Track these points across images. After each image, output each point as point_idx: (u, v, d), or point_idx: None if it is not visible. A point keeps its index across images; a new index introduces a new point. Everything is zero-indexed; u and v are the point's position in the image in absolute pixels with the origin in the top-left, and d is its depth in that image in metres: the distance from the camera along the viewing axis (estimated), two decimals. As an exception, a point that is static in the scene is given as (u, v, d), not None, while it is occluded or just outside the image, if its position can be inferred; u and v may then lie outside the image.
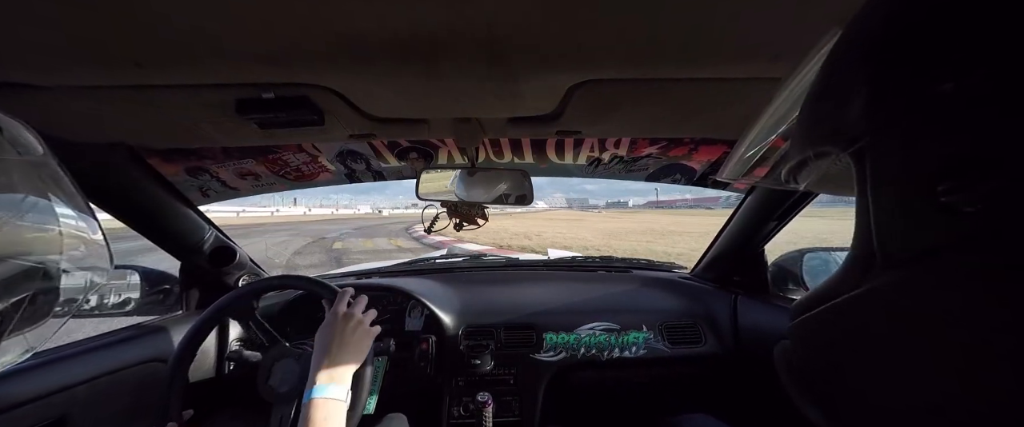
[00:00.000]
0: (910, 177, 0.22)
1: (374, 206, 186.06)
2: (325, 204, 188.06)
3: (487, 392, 1.08)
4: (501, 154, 1.34)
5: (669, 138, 1.17)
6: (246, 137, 0.87)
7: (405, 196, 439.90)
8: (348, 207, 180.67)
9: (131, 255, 2.28)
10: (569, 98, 0.71)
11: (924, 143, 0.22)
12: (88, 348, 0.88)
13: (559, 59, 0.57)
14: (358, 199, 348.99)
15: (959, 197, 0.20)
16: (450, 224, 1.20)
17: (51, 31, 0.47)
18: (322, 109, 0.72)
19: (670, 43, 0.52)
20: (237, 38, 0.50)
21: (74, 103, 0.67)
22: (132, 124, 0.80)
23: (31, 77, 0.58)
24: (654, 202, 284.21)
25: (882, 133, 0.24)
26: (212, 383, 0.92)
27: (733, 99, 0.72)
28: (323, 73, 0.61)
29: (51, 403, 0.77)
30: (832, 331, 0.31)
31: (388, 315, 1.31)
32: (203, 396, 0.82)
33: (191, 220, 1.15)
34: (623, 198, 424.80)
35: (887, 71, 0.24)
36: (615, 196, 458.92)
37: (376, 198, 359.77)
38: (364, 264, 1.86)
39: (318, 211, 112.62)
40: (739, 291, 1.37)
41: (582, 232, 18.89)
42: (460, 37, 0.50)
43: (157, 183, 1.04)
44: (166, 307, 1.20)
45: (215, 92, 0.65)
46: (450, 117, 0.84)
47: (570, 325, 1.27)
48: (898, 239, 0.24)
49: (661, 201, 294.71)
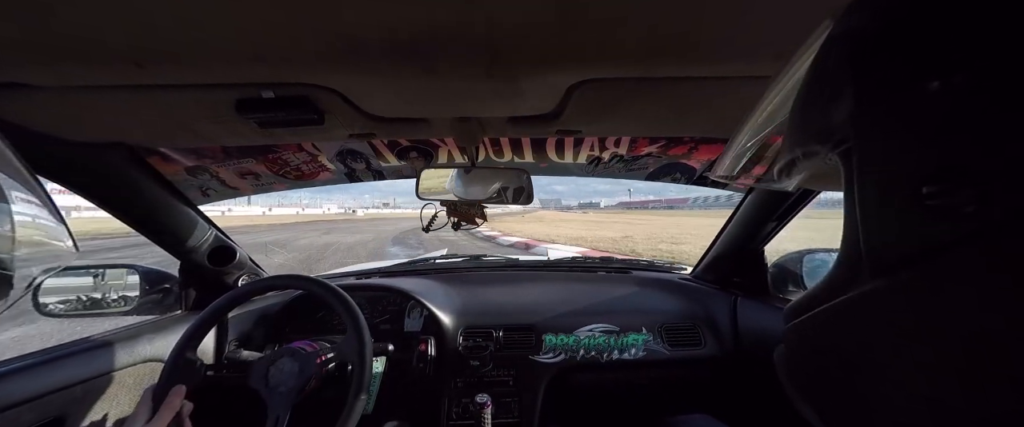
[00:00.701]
0: (895, 178, 0.22)
1: (343, 205, 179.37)
2: (284, 203, 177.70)
3: (486, 393, 1.08)
4: (501, 153, 1.34)
5: (669, 137, 1.17)
6: (246, 137, 0.87)
7: (372, 195, 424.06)
8: (311, 206, 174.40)
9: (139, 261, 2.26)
10: (569, 97, 0.71)
11: (909, 144, 0.22)
12: (86, 348, 0.88)
13: (559, 58, 0.57)
14: (320, 198, 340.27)
15: (945, 199, 0.20)
16: (449, 223, 1.21)
17: (51, 31, 0.47)
18: (322, 109, 0.72)
19: (670, 42, 0.52)
20: (237, 38, 0.50)
21: (74, 103, 0.67)
22: (132, 124, 0.80)
23: (31, 77, 0.58)
24: (625, 203, 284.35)
25: (867, 134, 0.24)
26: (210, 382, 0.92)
27: (733, 98, 0.72)
28: (323, 73, 0.61)
29: (49, 403, 0.77)
30: (824, 334, 0.31)
31: (387, 315, 1.31)
32: (201, 395, 0.82)
33: (191, 220, 1.15)
34: (594, 199, 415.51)
35: (872, 71, 0.23)
36: (586, 197, 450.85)
37: (341, 197, 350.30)
38: (364, 264, 1.86)
39: (280, 211, 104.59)
40: (739, 292, 1.37)
41: (580, 232, 18.67)
42: (460, 37, 0.50)
43: (157, 183, 1.04)
44: (165, 307, 1.20)
45: (215, 92, 0.65)
46: (450, 116, 0.84)
47: (569, 326, 1.27)
48: (885, 241, 0.23)
49: (632, 202, 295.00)
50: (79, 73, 0.57)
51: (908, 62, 0.22)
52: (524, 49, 0.54)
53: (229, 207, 69.81)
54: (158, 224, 1.08)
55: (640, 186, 31.22)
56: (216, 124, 0.78)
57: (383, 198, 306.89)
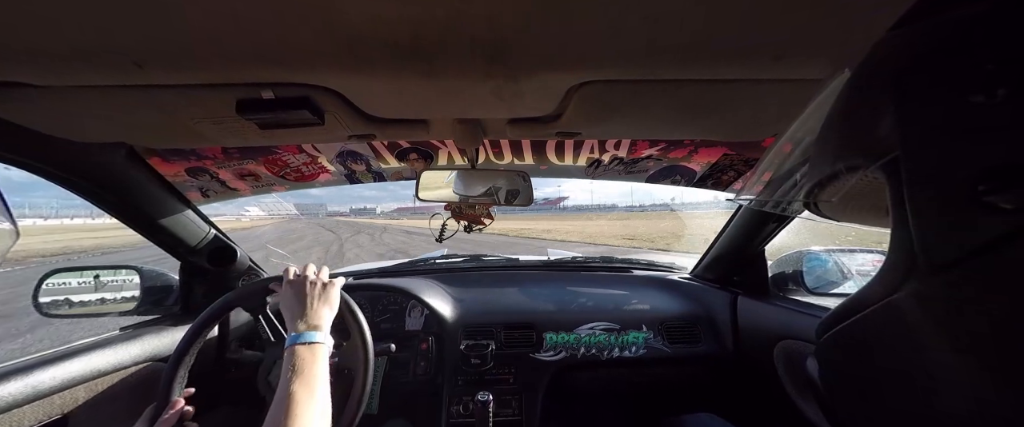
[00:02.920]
0: (949, 181, 0.24)
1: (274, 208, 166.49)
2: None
3: (487, 391, 1.08)
4: (501, 155, 1.34)
5: (669, 140, 1.17)
6: (246, 137, 0.87)
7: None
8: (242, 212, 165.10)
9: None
10: (569, 99, 0.71)
11: (960, 149, 0.23)
12: (88, 348, 0.88)
13: (559, 60, 0.57)
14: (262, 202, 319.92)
15: (1001, 196, 0.21)
16: (459, 228, 1.20)
17: (51, 31, 0.47)
18: (322, 109, 0.72)
19: (671, 44, 0.52)
20: (237, 38, 0.50)
21: (74, 103, 0.67)
22: (132, 124, 0.80)
23: (31, 77, 0.58)
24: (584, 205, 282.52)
25: (916, 144, 0.25)
26: (213, 381, 0.92)
27: (734, 101, 0.72)
28: (323, 73, 0.61)
29: (51, 403, 0.77)
30: (868, 339, 0.31)
31: (388, 315, 1.31)
32: (203, 393, 0.82)
33: (191, 220, 1.15)
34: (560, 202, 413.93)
35: (915, 91, 0.26)
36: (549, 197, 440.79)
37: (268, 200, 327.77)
38: (364, 263, 1.86)
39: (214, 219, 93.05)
40: (739, 291, 1.37)
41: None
42: (460, 37, 0.50)
43: (157, 183, 1.04)
44: (166, 307, 1.20)
45: (215, 92, 0.65)
46: (450, 118, 0.84)
47: (570, 325, 1.27)
48: (943, 241, 0.25)
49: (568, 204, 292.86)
50: (79, 73, 0.57)
51: (952, 81, 0.24)
52: (525, 51, 0.54)
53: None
54: (158, 225, 1.08)
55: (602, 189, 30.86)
56: (216, 125, 0.78)
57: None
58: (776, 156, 0.43)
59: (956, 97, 0.23)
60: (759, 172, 0.47)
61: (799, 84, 0.61)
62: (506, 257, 1.86)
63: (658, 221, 35.13)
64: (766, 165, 0.44)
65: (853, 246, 1.35)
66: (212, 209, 1.32)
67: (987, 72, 0.23)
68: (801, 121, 0.39)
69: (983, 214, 0.22)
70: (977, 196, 0.22)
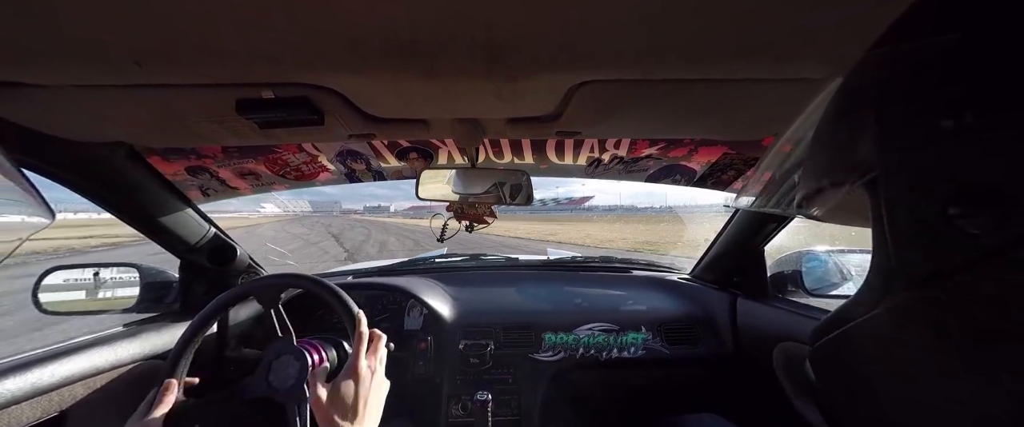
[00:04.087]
0: (921, 202, 0.25)
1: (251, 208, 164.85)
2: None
3: (486, 391, 1.08)
4: (501, 155, 1.34)
5: (669, 139, 1.17)
6: (246, 137, 0.87)
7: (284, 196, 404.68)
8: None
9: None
10: (569, 99, 0.71)
11: (932, 172, 0.25)
12: (87, 345, 0.88)
13: (559, 60, 0.57)
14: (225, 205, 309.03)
15: (969, 221, 0.23)
16: (461, 228, 1.20)
17: (51, 31, 0.47)
18: (322, 109, 0.72)
19: (671, 44, 0.52)
20: (237, 38, 0.50)
21: (74, 103, 0.67)
22: (132, 124, 0.80)
23: (31, 77, 0.58)
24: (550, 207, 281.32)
25: (893, 165, 0.27)
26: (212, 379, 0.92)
27: (734, 100, 0.72)
28: (323, 73, 0.61)
29: (50, 400, 0.77)
30: (855, 348, 0.33)
31: (387, 314, 1.31)
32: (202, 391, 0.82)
33: (191, 219, 1.15)
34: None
35: (894, 115, 0.27)
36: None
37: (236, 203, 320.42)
38: (364, 263, 1.86)
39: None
40: (738, 292, 1.37)
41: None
42: (460, 37, 0.50)
43: (157, 182, 1.04)
44: (165, 305, 1.20)
45: (215, 92, 0.65)
46: (450, 117, 0.84)
47: (569, 325, 1.27)
48: (917, 260, 0.26)
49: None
50: (79, 73, 0.57)
51: (925, 106, 0.25)
52: (525, 50, 0.54)
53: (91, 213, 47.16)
54: (158, 223, 1.08)
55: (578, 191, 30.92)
56: (216, 124, 0.78)
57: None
58: (776, 156, 0.44)
59: (928, 121, 0.25)
60: (759, 172, 0.47)
61: (799, 84, 0.61)
62: (505, 257, 1.86)
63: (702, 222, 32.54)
64: (766, 165, 0.45)
65: (853, 246, 1.35)
66: (231, 205, 1.31)
67: (955, 99, 0.24)
68: (801, 121, 0.40)
69: (954, 238, 0.23)
70: (948, 220, 0.23)
